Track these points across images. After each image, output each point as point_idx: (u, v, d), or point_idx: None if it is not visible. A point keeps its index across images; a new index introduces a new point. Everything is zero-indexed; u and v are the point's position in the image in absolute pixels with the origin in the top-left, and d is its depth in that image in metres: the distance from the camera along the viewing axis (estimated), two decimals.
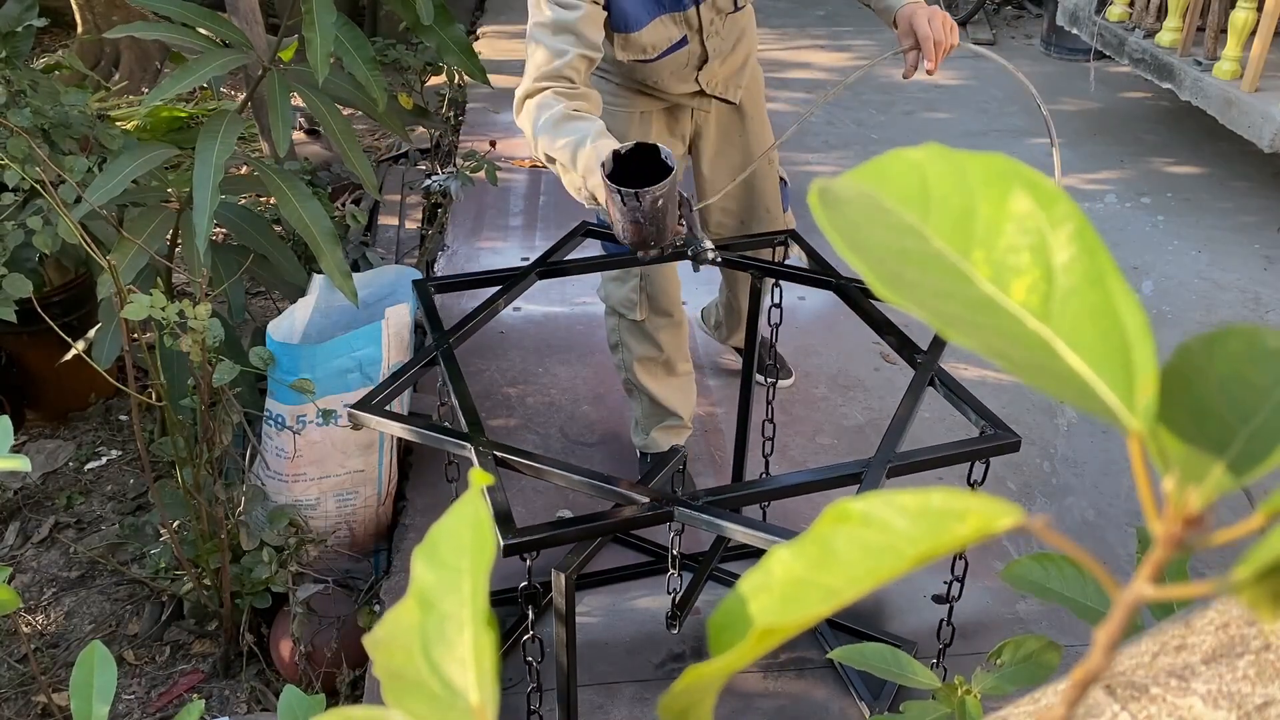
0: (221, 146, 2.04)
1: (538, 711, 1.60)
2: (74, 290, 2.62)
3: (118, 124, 3.49)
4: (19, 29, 2.61)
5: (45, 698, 2.01)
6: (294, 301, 2.31)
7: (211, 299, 1.83)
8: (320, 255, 2.17)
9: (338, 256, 2.18)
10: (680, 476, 1.90)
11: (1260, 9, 3.44)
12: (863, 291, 1.79)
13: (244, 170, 3.27)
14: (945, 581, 1.67)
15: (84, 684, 0.84)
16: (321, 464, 2.19)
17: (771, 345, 2.16)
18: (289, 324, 2.20)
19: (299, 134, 4.17)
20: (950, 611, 1.68)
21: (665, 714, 0.34)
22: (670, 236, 1.54)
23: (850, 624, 2.07)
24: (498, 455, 1.45)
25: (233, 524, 2.01)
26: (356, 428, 1.57)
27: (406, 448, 2.52)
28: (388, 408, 1.57)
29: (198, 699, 1.45)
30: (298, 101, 2.48)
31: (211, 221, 2.01)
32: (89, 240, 1.79)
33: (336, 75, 2.40)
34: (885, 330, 1.71)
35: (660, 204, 1.45)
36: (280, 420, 2.14)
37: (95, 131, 2.45)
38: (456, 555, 0.34)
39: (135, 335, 1.86)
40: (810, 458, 2.57)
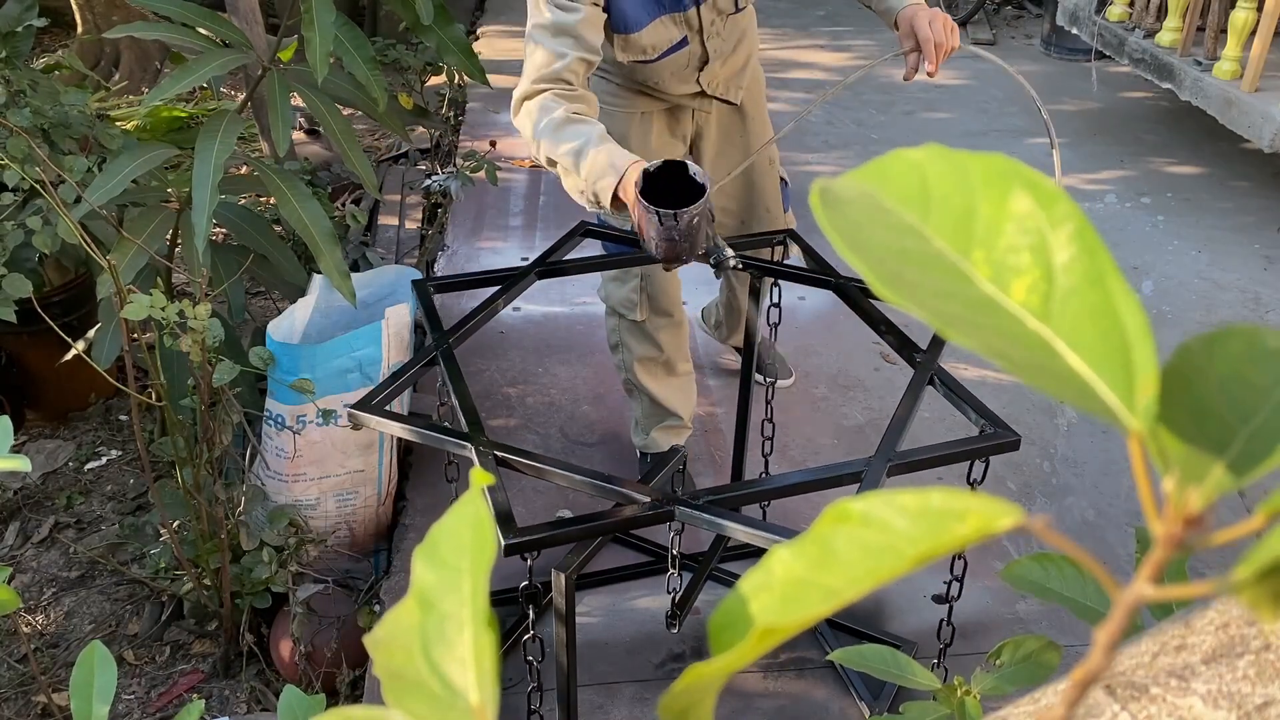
0: (221, 146, 2.04)
1: (538, 711, 1.60)
2: (74, 290, 2.62)
3: (118, 124, 3.49)
4: (19, 29, 2.61)
5: (45, 698, 2.01)
6: (294, 301, 2.31)
7: (211, 299, 1.83)
8: (319, 255, 2.17)
9: (337, 257, 2.18)
10: (680, 476, 1.90)
11: (1260, 9, 3.44)
12: (863, 291, 1.79)
13: (244, 170, 3.27)
14: (945, 581, 1.67)
15: (84, 684, 0.84)
16: (321, 464, 2.19)
17: (771, 345, 2.16)
18: (289, 324, 2.20)
19: (299, 134, 4.17)
20: (950, 611, 1.68)
21: (665, 714, 0.34)
22: (700, 249, 1.59)
23: (850, 624, 2.07)
24: (498, 455, 1.45)
25: (233, 524, 2.01)
26: (356, 428, 1.57)
27: (406, 448, 2.52)
28: (388, 408, 1.57)
29: (198, 699, 1.45)
30: (298, 101, 2.48)
31: (211, 221, 2.01)
32: (89, 240, 1.79)
33: (336, 75, 2.40)
34: (885, 330, 1.71)
35: (695, 222, 1.49)
36: (280, 420, 2.14)
37: (95, 131, 2.44)
38: (457, 555, 0.34)
39: (135, 335, 1.86)
40: (810, 458, 2.57)
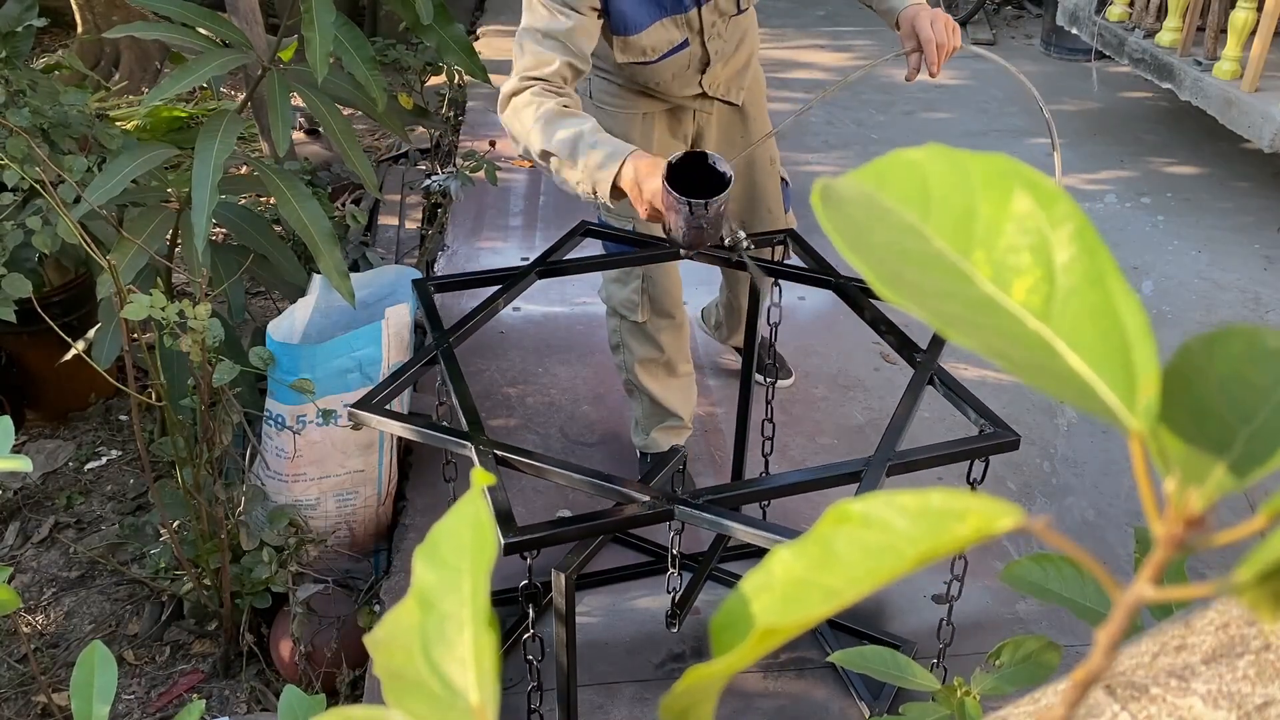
0: (221, 146, 2.04)
1: (538, 711, 1.60)
2: (74, 290, 2.62)
3: (117, 124, 3.49)
4: (19, 29, 2.61)
5: (45, 698, 2.01)
6: (294, 301, 2.30)
7: (211, 299, 1.83)
8: (319, 255, 2.17)
9: (336, 257, 2.18)
10: (680, 476, 1.90)
11: (1260, 9, 3.44)
12: (863, 291, 1.79)
13: (244, 170, 3.26)
14: (945, 581, 1.67)
15: (84, 684, 0.84)
16: (321, 464, 2.19)
17: (771, 345, 2.16)
18: (289, 324, 2.20)
19: (299, 134, 4.17)
20: (950, 611, 1.68)
21: (666, 714, 0.34)
22: (720, 235, 1.66)
23: (850, 624, 2.07)
24: (498, 454, 1.45)
25: (233, 524, 2.01)
26: (356, 428, 1.57)
27: (406, 448, 2.52)
28: (388, 407, 1.57)
29: (198, 699, 1.45)
30: (298, 101, 2.47)
31: (210, 221, 2.01)
32: (89, 240, 1.79)
33: (336, 75, 2.40)
34: (885, 330, 1.71)
35: (722, 210, 1.57)
36: (280, 420, 2.14)
37: (95, 131, 2.44)
38: (457, 555, 0.34)
39: (135, 335, 1.86)
40: (810, 457, 2.57)
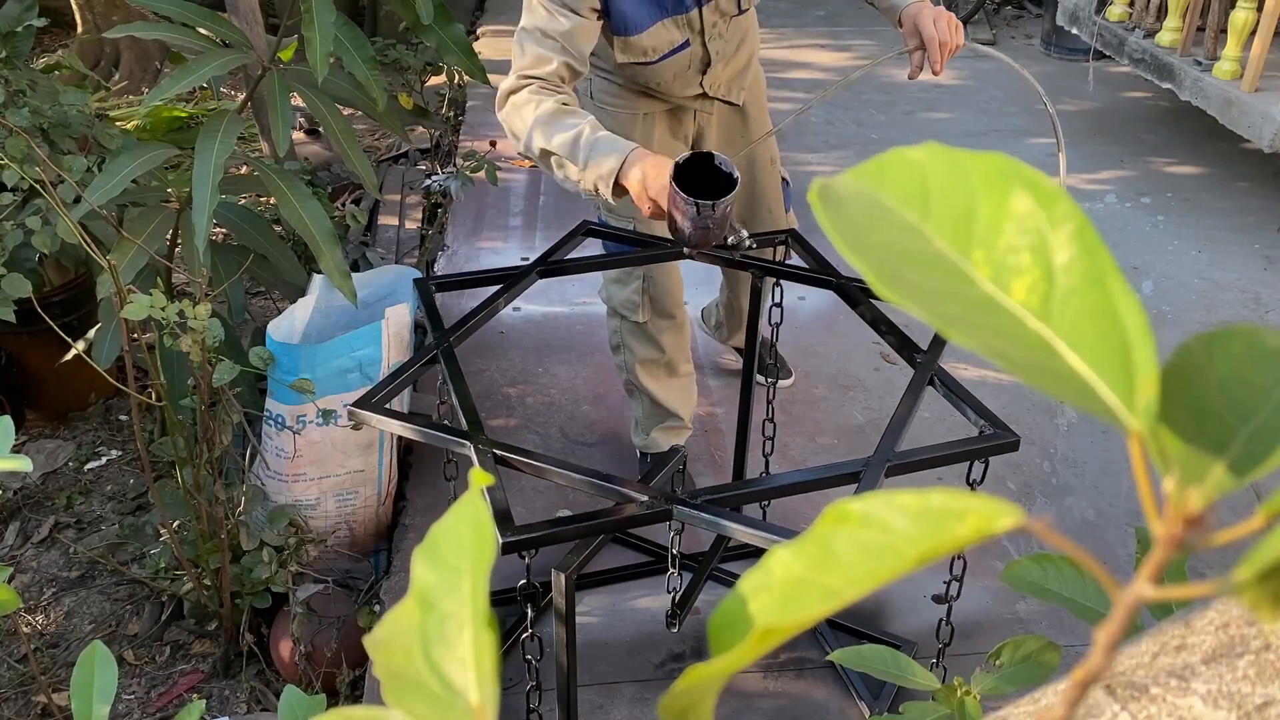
0: (221, 146, 2.04)
1: (538, 711, 1.60)
2: (74, 290, 2.62)
3: (117, 124, 3.48)
4: (19, 29, 2.61)
5: (45, 698, 2.01)
6: (294, 301, 2.30)
7: (211, 299, 1.83)
8: (319, 255, 2.17)
9: (337, 256, 2.18)
10: (680, 476, 1.90)
11: (1260, 9, 3.44)
12: (863, 291, 1.79)
13: (244, 170, 3.27)
14: (945, 581, 1.67)
15: (84, 684, 0.84)
16: (321, 464, 2.19)
17: (772, 345, 2.16)
18: (289, 324, 2.20)
19: (299, 134, 4.17)
20: (950, 611, 1.68)
21: (665, 714, 0.34)
22: (725, 234, 1.69)
23: (850, 624, 2.06)
24: (497, 454, 1.45)
25: (233, 524, 2.01)
26: (357, 428, 1.57)
27: (406, 448, 2.52)
28: (388, 406, 1.57)
29: (198, 699, 1.45)
30: (298, 101, 2.47)
31: (211, 221, 2.01)
32: (89, 240, 1.79)
33: (336, 75, 2.40)
34: (885, 330, 1.71)
35: (728, 210, 1.60)
36: (280, 420, 2.14)
37: (95, 131, 2.44)
38: (457, 555, 0.34)
39: (135, 335, 1.86)
40: (810, 458, 2.57)
